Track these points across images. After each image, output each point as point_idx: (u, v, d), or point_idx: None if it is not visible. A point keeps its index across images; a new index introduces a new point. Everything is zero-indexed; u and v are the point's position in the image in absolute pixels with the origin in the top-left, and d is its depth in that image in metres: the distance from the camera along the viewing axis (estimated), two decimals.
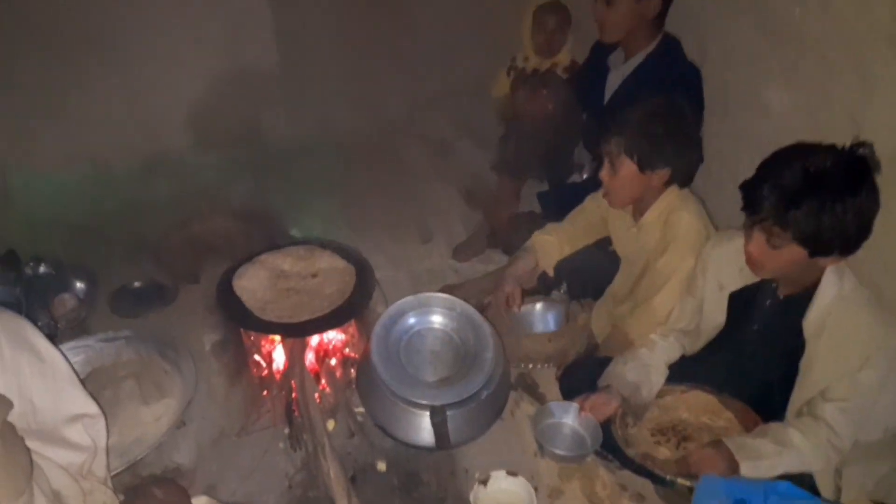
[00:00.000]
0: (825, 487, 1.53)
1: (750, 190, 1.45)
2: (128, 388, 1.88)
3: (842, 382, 1.48)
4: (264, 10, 3.01)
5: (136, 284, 2.34)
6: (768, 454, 1.49)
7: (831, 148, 1.40)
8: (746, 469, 1.48)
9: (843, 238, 1.39)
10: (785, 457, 1.49)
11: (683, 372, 1.81)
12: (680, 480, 1.54)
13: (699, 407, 1.76)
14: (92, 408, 1.48)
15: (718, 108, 2.12)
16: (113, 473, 1.60)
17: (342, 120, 3.19)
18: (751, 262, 1.52)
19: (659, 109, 1.76)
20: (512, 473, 1.71)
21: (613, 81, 2.27)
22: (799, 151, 1.44)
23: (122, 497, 1.53)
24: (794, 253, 1.42)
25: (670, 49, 2.15)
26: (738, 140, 2.07)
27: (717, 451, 1.52)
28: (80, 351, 1.95)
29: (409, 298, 1.89)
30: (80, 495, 1.43)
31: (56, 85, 2.73)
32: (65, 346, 1.93)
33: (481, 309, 2.13)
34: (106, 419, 1.51)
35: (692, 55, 2.16)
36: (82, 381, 1.50)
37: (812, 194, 1.35)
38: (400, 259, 2.50)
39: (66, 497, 1.38)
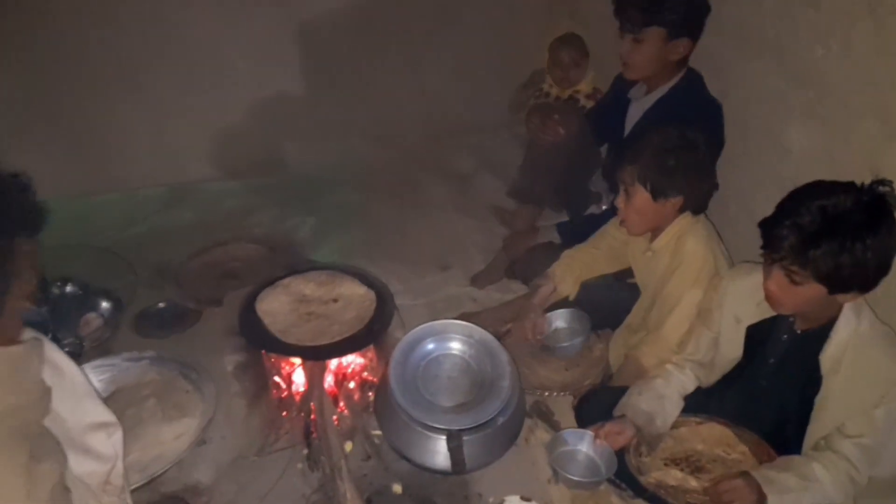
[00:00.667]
0: None
1: (769, 229, 1.48)
2: (150, 407, 1.91)
3: (858, 419, 1.49)
4: (290, 44, 3.11)
5: (160, 306, 2.39)
6: (794, 488, 1.49)
7: (850, 186, 1.44)
8: (773, 502, 1.48)
9: (863, 276, 1.41)
10: (810, 491, 1.49)
11: (699, 403, 1.82)
12: None
13: (714, 439, 1.76)
14: (110, 417, 1.52)
15: (738, 147, 2.15)
16: (133, 488, 1.62)
17: (364, 151, 3.28)
18: (770, 298, 1.55)
19: (671, 140, 1.81)
20: (525, 499, 1.73)
21: (634, 114, 2.30)
22: (818, 190, 1.47)
23: None
24: (813, 290, 1.44)
25: (693, 84, 2.18)
26: (757, 178, 2.10)
27: (746, 483, 1.52)
28: (105, 370, 1.99)
29: (428, 325, 1.94)
30: None
31: (86, 113, 2.83)
32: (91, 365, 1.98)
33: (499, 337, 2.16)
34: (122, 430, 1.54)
35: (713, 92, 2.20)
36: (98, 393, 1.54)
37: (831, 234, 1.38)
38: (418, 288, 2.54)
39: None
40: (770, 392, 1.70)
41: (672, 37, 2.08)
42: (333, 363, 2.05)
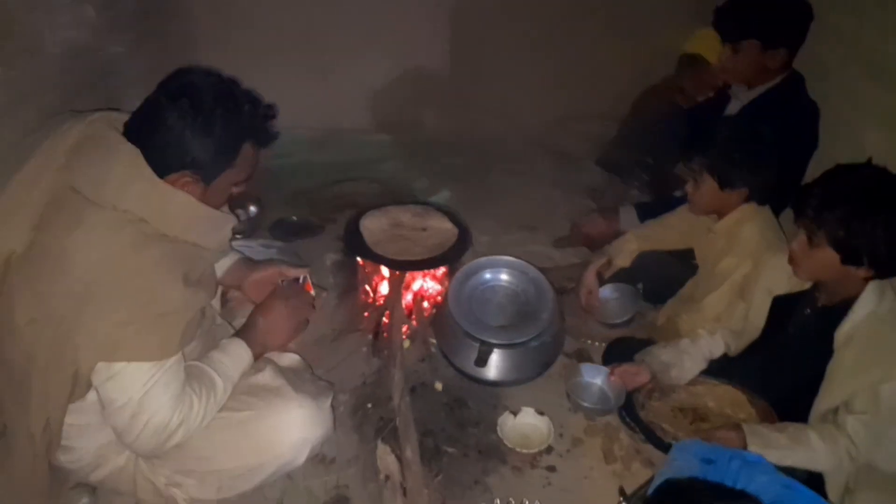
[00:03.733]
0: (834, 487, 1.60)
1: (805, 190, 1.63)
2: None
3: (864, 395, 1.55)
4: (441, 24, 3.53)
5: (293, 219, 2.92)
6: (779, 446, 1.58)
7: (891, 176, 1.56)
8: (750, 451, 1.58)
9: (872, 251, 1.52)
10: (796, 453, 1.57)
11: (722, 370, 1.96)
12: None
13: (725, 399, 1.90)
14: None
15: (827, 148, 2.22)
16: None
17: (489, 125, 3.62)
18: (791, 259, 1.68)
19: (739, 134, 1.96)
20: (540, 412, 1.98)
21: (732, 109, 2.41)
22: (859, 168, 1.61)
23: None
24: (827, 255, 1.56)
25: (791, 85, 2.26)
26: None
27: (735, 435, 1.63)
28: (244, 248, 2.44)
29: (492, 257, 2.25)
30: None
31: (265, 63, 3.38)
32: (237, 243, 2.49)
33: (563, 291, 2.42)
34: None
35: (816, 95, 2.25)
36: None
37: (848, 201, 1.52)
38: (504, 241, 2.81)
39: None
40: (786, 363, 1.79)
41: (768, 48, 2.18)
42: (416, 285, 2.42)
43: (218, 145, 1.42)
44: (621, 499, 1.64)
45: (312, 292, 1.87)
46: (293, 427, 1.60)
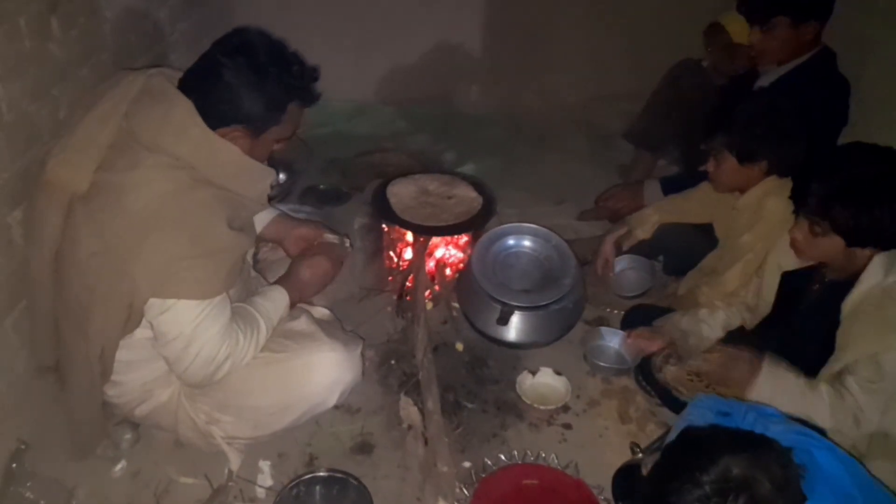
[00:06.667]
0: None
1: (802, 182, 1.63)
2: None
3: (867, 362, 1.56)
4: (480, 3, 3.59)
5: (321, 187, 3.00)
6: (788, 388, 1.61)
7: (889, 153, 1.56)
8: (761, 381, 1.63)
9: (879, 235, 1.53)
10: (805, 399, 1.58)
11: (738, 343, 1.99)
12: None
13: None
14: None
15: (862, 127, 2.22)
16: None
17: (524, 100, 3.66)
18: (794, 247, 1.69)
19: (755, 107, 1.96)
20: (557, 372, 2.05)
21: (761, 84, 2.37)
22: (855, 151, 1.61)
23: None
24: (832, 242, 1.57)
25: (822, 62, 2.24)
26: None
27: (750, 360, 1.67)
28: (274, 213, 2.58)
29: (514, 224, 2.31)
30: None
31: (302, 35, 3.44)
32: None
33: (585, 263, 2.47)
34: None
35: (850, 70, 2.25)
36: None
37: (855, 192, 1.51)
38: (530, 213, 2.82)
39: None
40: (799, 339, 1.78)
41: (798, 22, 2.15)
42: (438, 252, 2.49)
43: (269, 102, 1.50)
44: (638, 450, 1.70)
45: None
46: (325, 368, 1.70)
